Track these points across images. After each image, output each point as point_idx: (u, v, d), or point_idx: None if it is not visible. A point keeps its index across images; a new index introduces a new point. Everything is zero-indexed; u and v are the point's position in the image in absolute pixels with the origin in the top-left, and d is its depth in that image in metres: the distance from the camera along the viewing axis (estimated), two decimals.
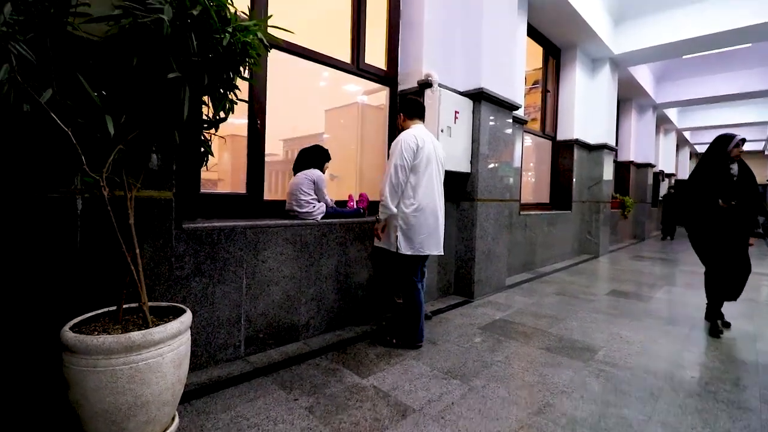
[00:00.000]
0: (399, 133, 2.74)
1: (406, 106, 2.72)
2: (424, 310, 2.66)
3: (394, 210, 2.48)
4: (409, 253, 2.52)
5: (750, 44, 6.53)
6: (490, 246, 4.09)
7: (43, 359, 1.65)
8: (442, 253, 2.72)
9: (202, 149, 1.85)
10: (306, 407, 1.94)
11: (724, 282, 3.15)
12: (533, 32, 5.96)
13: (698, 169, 3.22)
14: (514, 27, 4.22)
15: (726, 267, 3.10)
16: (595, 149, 7.16)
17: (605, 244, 7.44)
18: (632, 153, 9.94)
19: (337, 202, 3.34)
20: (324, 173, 3.02)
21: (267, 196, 2.94)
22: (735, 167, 3.10)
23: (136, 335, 1.46)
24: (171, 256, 2.01)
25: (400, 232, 2.52)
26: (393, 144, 2.55)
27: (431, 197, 2.55)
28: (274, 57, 2.87)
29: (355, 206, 3.33)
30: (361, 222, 3.06)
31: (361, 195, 3.45)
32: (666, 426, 1.89)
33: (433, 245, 2.59)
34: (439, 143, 2.75)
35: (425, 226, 2.53)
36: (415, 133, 2.55)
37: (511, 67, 4.24)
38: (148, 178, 1.88)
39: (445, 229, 3.58)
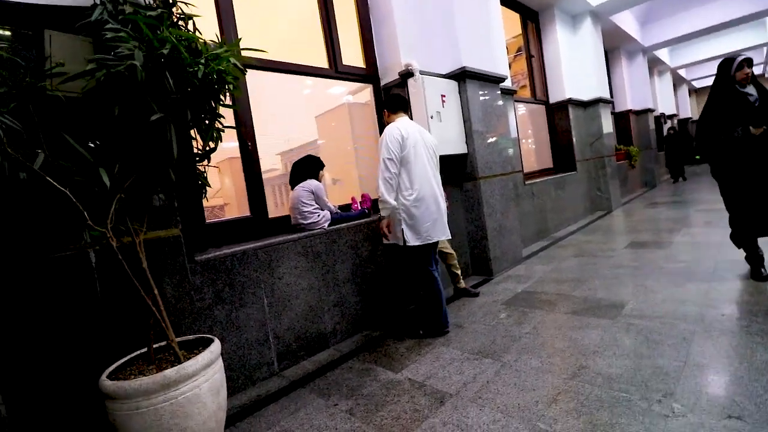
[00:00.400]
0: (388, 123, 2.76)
1: (388, 102, 2.76)
2: (444, 296, 2.68)
3: (394, 203, 2.50)
4: (417, 243, 2.54)
5: None
6: (500, 221, 4.07)
7: (87, 411, 1.70)
8: (450, 237, 2.73)
9: (199, 182, 1.87)
10: (346, 410, 1.97)
11: (756, 217, 2.73)
12: (506, 0, 5.85)
13: (709, 101, 2.85)
14: None
15: (756, 201, 2.70)
16: (590, 105, 7.02)
17: (617, 197, 7.32)
18: (629, 101, 9.72)
19: (341, 207, 3.35)
20: (321, 181, 3.03)
21: (272, 214, 2.97)
22: (753, 90, 2.71)
23: (170, 372, 1.49)
24: (190, 290, 2.04)
25: (404, 225, 2.53)
26: (379, 140, 2.57)
27: (428, 184, 2.56)
28: (254, 76, 2.88)
29: (359, 207, 3.33)
30: (368, 222, 3.07)
31: (363, 195, 3.45)
32: (703, 368, 1.87)
33: (439, 231, 2.61)
34: (426, 131, 2.75)
35: (428, 214, 2.55)
36: (398, 125, 2.56)
37: (490, 40, 4.17)
38: (153, 220, 1.92)
39: (452, 212, 3.57)
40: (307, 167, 2.98)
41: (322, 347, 2.70)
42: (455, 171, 3.96)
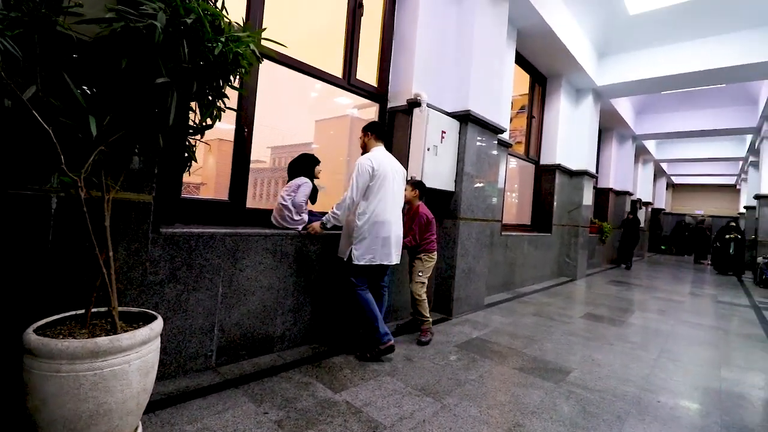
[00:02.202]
0: (363, 150, 2.90)
1: (376, 128, 2.88)
2: (377, 310, 2.74)
3: (340, 223, 2.69)
4: (362, 263, 2.65)
5: (724, 84, 6.88)
6: (470, 264, 4.13)
7: (1, 363, 1.58)
8: (397, 263, 2.86)
9: (186, 154, 1.84)
10: (275, 421, 1.90)
11: None
12: (521, 60, 6.17)
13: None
14: (503, 54, 4.36)
15: None
16: (577, 175, 7.36)
17: (583, 267, 7.59)
18: (612, 180, 10.24)
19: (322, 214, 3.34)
20: (317, 177, 3.02)
21: (250, 204, 2.93)
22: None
23: (102, 341, 1.42)
24: (146, 261, 1.97)
25: (354, 243, 2.65)
26: (355, 165, 2.70)
27: (384, 210, 2.70)
28: (266, 67, 2.90)
29: None
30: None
31: None
32: None
33: (385, 255, 2.72)
34: (395, 160, 2.90)
35: (378, 238, 2.67)
36: (371, 156, 2.72)
37: (499, 92, 4.36)
38: (128, 181, 1.86)
39: (437, 246, 3.61)
40: (302, 164, 2.97)
41: (266, 350, 2.62)
42: (439, 206, 4.03)
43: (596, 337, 3.71)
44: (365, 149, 2.90)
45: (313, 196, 2.95)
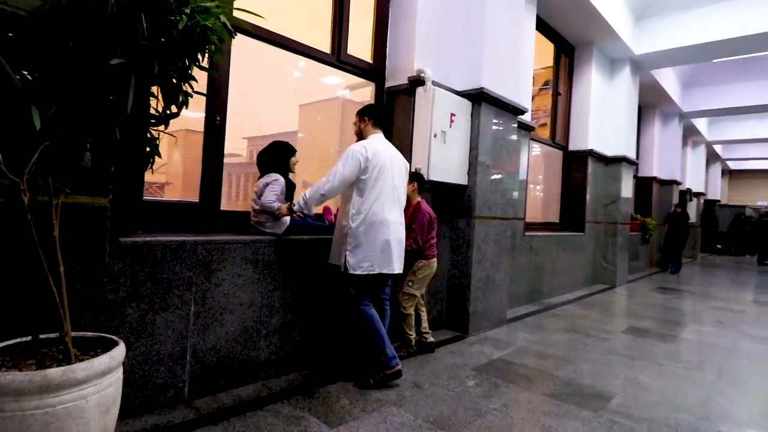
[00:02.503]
0: (358, 138, 2.91)
1: (373, 112, 2.90)
2: (382, 328, 2.75)
3: (308, 209, 2.67)
4: (358, 272, 2.65)
5: None
6: (488, 272, 4.14)
7: None
8: (400, 272, 2.86)
9: (148, 149, 1.85)
10: None
11: None
12: (543, 26, 6.18)
13: None
14: (522, 19, 4.38)
15: None
16: (613, 162, 7.37)
17: (623, 272, 7.60)
18: (655, 167, 10.25)
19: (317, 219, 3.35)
20: (292, 170, 3.01)
21: (225, 206, 2.93)
22: None
23: (54, 372, 1.42)
24: (103, 276, 1.98)
25: (348, 248, 2.65)
26: (345, 152, 2.70)
27: (382, 209, 2.70)
28: (240, 42, 2.91)
29: (333, 220, 3.33)
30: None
31: (325, 209, 3.46)
32: None
33: (386, 263, 2.71)
34: (396, 151, 2.91)
35: (377, 243, 2.67)
36: (367, 144, 2.72)
37: (517, 65, 4.37)
38: (80, 182, 1.87)
39: (437, 250, 3.62)
40: (273, 155, 2.94)
41: (249, 379, 2.63)
42: (449, 203, 4.04)
43: (641, 355, 3.72)
44: (360, 137, 2.91)
45: (289, 194, 2.94)
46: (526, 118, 5.11)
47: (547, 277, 5.88)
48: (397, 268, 2.80)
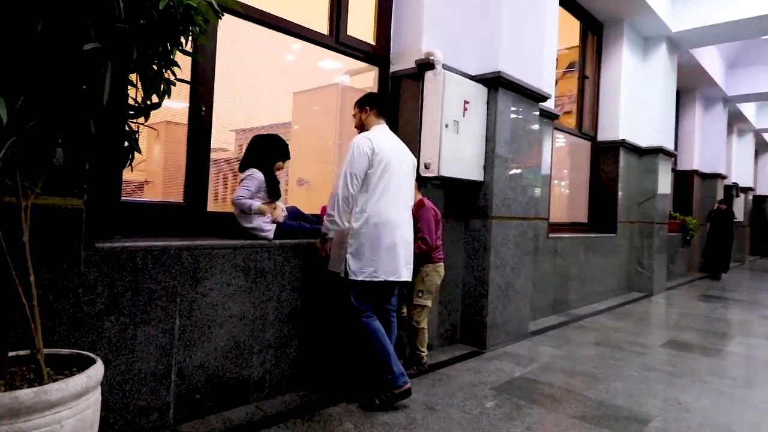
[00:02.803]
0: (359, 131, 2.95)
1: (375, 101, 2.94)
2: (388, 343, 2.75)
3: (344, 226, 2.68)
4: (360, 279, 2.66)
5: None
6: (508, 278, 4.14)
7: None
8: (408, 280, 2.88)
9: (126, 144, 1.87)
10: None
11: None
12: (568, 1, 6.17)
13: None
14: None
15: None
16: (648, 154, 7.34)
17: (661, 278, 7.57)
18: (696, 159, 10.20)
19: (307, 218, 3.36)
20: (273, 174, 3.02)
21: (212, 207, 2.95)
22: None
23: (25, 394, 1.44)
24: (78, 287, 1.99)
25: (350, 251, 2.68)
26: (348, 148, 2.74)
27: (387, 208, 2.73)
28: (228, 24, 2.93)
29: None
30: None
31: (323, 209, 3.47)
32: None
33: (391, 270, 2.73)
34: (403, 145, 2.95)
35: (381, 245, 2.69)
36: (371, 136, 2.76)
37: (539, 46, 4.36)
38: (52, 181, 1.88)
39: (449, 255, 3.63)
40: (260, 149, 2.98)
41: (240, 401, 2.64)
42: (463, 202, 4.04)
43: (683, 372, 3.70)
44: (362, 129, 2.94)
45: (273, 190, 2.95)
46: (549, 105, 5.10)
47: (575, 284, 5.87)
48: (405, 275, 2.81)
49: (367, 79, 4.09)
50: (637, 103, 7.18)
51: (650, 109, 7.33)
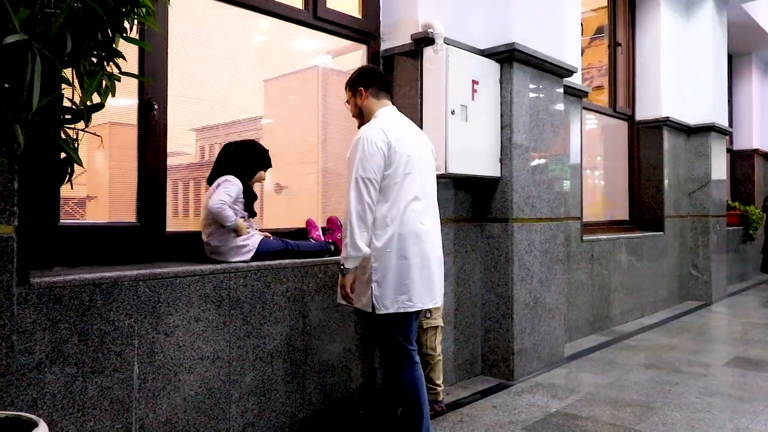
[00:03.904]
0: (359, 120, 2.84)
1: (374, 77, 2.80)
2: (425, 396, 2.67)
3: (367, 250, 2.51)
4: (392, 311, 2.55)
5: None
6: (536, 293, 4.13)
7: None
8: (440, 304, 2.80)
9: (63, 155, 1.85)
10: None
11: None
12: None
13: None
14: None
15: None
16: (698, 132, 7.37)
17: (721, 282, 7.57)
18: (756, 136, 10.23)
19: (287, 233, 3.35)
20: (251, 185, 3.02)
21: (172, 225, 2.93)
22: None
23: None
24: (11, 333, 1.96)
25: (375, 277, 2.55)
26: (351, 146, 2.60)
27: (415, 217, 2.60)
28: (181, 4, 2.93)
29: (320, 237, 3.34)
30: (327, 262, 3.07)
31: (329, 220, 3.46)
32: None
33: (427, 293, 2.64)
34: (420, 131, 2.87)
35: (412, 265, 2.58)
36: (381, 124, 2.61)
37: (560, 10, 4.37)
38: None
39: (462, 268, 3.61)
40: (237, 157, 2.95)
41: None
42: (477, 203, 4.04)
43: (754, 395, 3.69)
44: (363, 118, 2.81)
45: (248, 204, 2.94)
46: (576, 79, 5.11)
47: (617, 295, 5.86)
48: (440, 298, 2.73)
49: (353, 59, 4.08)
50: (681, 72, 7.21)
51: (697, 78, 7.36)
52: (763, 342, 5.21)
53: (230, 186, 2.81)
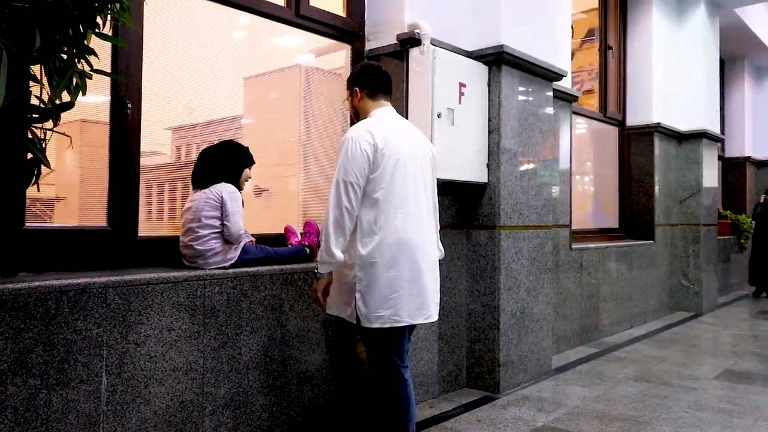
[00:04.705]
0: (354, 120, 2.83)
1: (363, 76, 2.77)
2: (412, 414, 2.64)
3: (340, 257, 2.47)
4: (376, 325, 2.48)
5: None
6: (524, 303, 4.15)
7: None
8: (434, 319, 2.70)
9: (30, 156, 1.83)
10: None
11: None
12: None
13: None
14: None
15: None
16: (689, 139, 7.47)
17: (711, 293, 7.68)
18: (748, 144, 10.38)
19: (266, 239, 3.34)
20: (242, 187, 3.05)
21: (145, 230, 2.91)
22: None
23: None
24: None
25: (359, 287, 2.50)
26: (338, 147, 2.57)
27: (407, 224, 2.55)
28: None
29: (298, 241, 3.33)
30: (306, 270, 3.06)
31: (307, 224, 3.46)
32: None
33: (417, 308, 2.56)
34: (419, 132, 2.81)
35: (401, 277, 2.51)
36: (369, 126, 2.58)
37: (550, 11, 4.41)
38: None
39: (448, 276, 3.61)
40: (223, 159, 2.98)
41: None
42: (463, 209, 4.06)
43: (744, 409, 3.74)
44: (359, 118, 2.78)
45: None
46: (566, 83, 5.15)
47: (606, 305, 5.91)
48: (435, 313, 2.66)
49: (338, 58, 4.09)
50: (672, 77, 7.30)
51: (689, 84, 7.46)
52: (753, 354, 5.28)
53: (236, 202, 2.86)
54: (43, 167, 1.90)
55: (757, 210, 9.50)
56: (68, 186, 3.40)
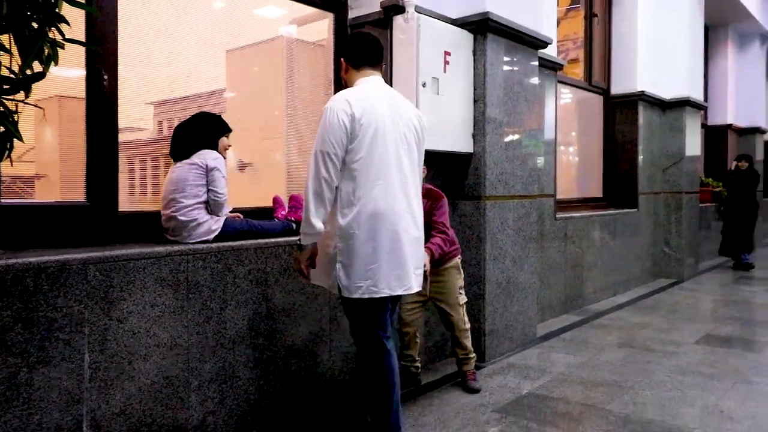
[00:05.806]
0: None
1: (351, 47, 2.75)
2: (397, 387, 2.64)
3: (321, 228, 2.46)
4: (356, 296, 2.48)
5: None
6: (509, 273, 4.16)
7: None
8: (417, 290, 2.68)
9: (1, 129, 1.78)
10: None
11: None
12: None
13: None
14: None
15: None
16: (673, 107, 7.47)
17: (693, 260, 7.78)
18: (730, 112, 10.42)
19: (251, 212, 3.30)
20: (224, 155, 3.02)
21: (126, 205, 2.88)
22: None
23: None
24: None
25: (340, 258, 2.49)
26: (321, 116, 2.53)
27: (387, 194, 2.52)
28: None
29: (284, 216, 3.31)
30: (291, 243, 3.03)
31: (292, 197, 3.43)
32: None
33: (397, 279, 2.54)
34: (407, 102, 2.77)
35: (380, 248, 2.49)
36: (350, 96, 2.52)
37: None
38: None
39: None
40: (199, 130, 2.94)
41: None
42: (449, 180, 4.04)
43: (723, 372, 3.81)
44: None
45: None
46: (551, 52, 5.11)
47: (590, 274, 5.96)
48: (415, 284, 2.62)
49: (320, 28, 4.01)
50: (657, 45, 7.28)
51: (673, 52, 7.44)
52: (733, 319, 5.37)
53: (222, 169, 2.86)
54: (18, 142, 1.84)
55: (729, 177, 9.25)
56: (48, 163, 3.35)
